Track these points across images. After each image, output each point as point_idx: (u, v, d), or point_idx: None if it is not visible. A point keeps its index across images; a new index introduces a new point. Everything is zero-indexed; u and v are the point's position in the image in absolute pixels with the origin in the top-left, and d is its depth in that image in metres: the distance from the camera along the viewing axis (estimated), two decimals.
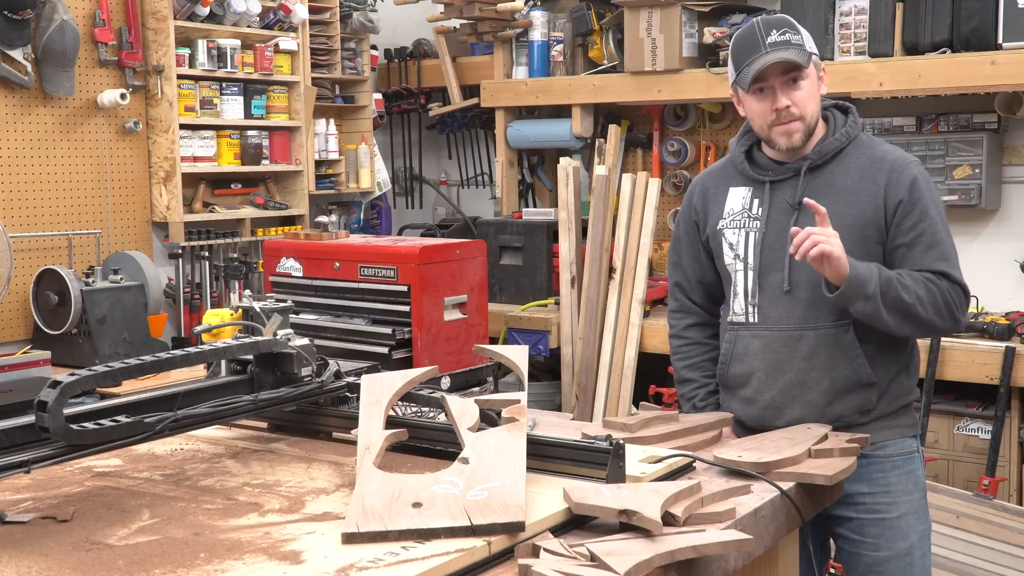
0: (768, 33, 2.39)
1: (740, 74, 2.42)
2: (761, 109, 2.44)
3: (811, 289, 2.40)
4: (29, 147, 4.32)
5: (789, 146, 2.44)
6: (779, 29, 2.40)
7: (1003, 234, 4.45)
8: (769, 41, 2.39)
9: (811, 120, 2.44)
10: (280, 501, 1.89)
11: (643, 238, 4.61)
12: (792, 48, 2.38)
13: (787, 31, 2.40)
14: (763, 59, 2.38)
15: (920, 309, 2.31)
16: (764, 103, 2.43)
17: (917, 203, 2.39)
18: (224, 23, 4.80)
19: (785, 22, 2.43)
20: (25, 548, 1.68)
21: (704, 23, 4.75)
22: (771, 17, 2.46)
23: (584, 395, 4.66)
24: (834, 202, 2.40)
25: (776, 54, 2.37)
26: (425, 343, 3.90)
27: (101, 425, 1.84)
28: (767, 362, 2.45)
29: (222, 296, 4.81)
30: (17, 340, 4.26)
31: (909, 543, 2.44)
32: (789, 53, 2.38)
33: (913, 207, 2.38)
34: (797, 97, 2.40)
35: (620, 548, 1.64)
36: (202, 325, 2.66)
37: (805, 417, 2.43)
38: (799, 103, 2.41)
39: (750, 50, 2.40)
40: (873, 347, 2.42)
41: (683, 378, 2.71)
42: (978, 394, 4.10)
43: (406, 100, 5.94)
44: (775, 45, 2.38)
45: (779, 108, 2.40)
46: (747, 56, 2.41)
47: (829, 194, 2.42)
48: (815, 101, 2.45)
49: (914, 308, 2.31)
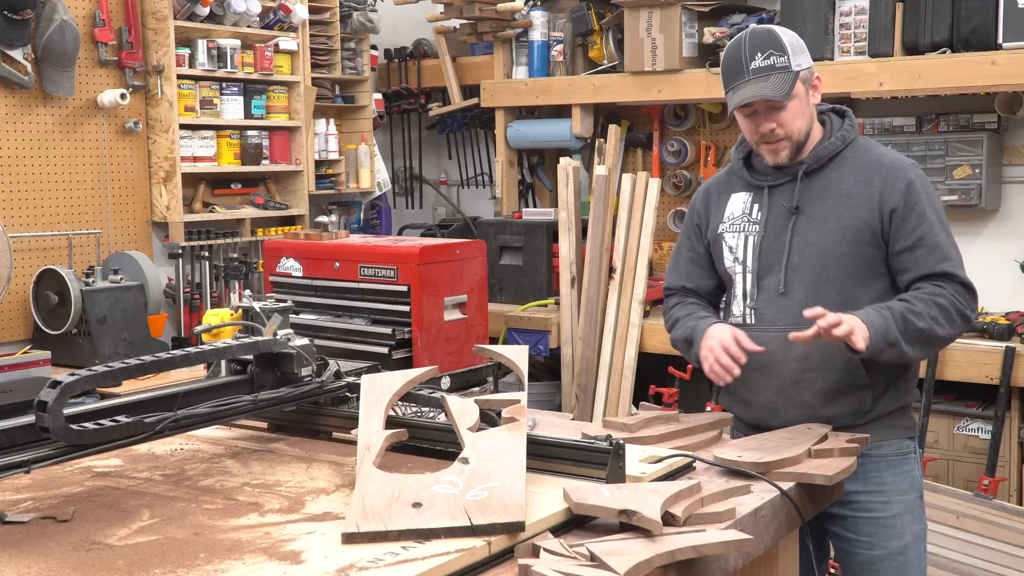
0: (752, 56, 2.39)
1: (728, 94, 2.46)
2: (748, 128, 2.49)
3: (805, 291, 2.42)
4: (29, 147, 4.32)
5: (775, 163, 2.49)
6: (763, 52, 2.39)
7: (1003, 234, 4.45)
8: (752, 67, 2.39)
9: (799, 137, 2.46)
10: (280, 501, 1.89)
11: (643, 238, 4.61)
12: (775, 75, 2.38)
13: (772, 53, 2.39)
14: (743, 90, 2.40)
15: (938, 329, 2.33)
16: (751, 123, 2.47)
17: (914, 207, 2.40)
18: (224, 23, 4.80)
19: (771, 41, 2.40)
20: (25, 548, 1.68)
21: (704, 23, 4.75)
22: (757, 34, 2.43)
23: (584, 395, 4.66)
24: (830, 206, 2.43)
25: (755, 86, 2.38)
26: (425, 343, 3.90)
27: (101, 425, 1.84)
28: (762, 363, 2.45)
29: (222, 296, 4.81)
30: (17, 340, 4.26)
31: (903, 542, 2.45)
32: (768, 86, 2.38)
33: (911, 212, 2.39)
34: (782, 119, 2.43)
35: (620, 548, 1.64)
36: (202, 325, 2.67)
37: (800, 418, 2.43)
38: (784, 123, 2.43)
39: (735, 73, 2.42)
40: None
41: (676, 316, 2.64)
42: (978, 394, 4.11)
43: (406, 100, 5.94)
44: (757, 72, 2.38)
45: (763, 131, 2.44)
46: (731, 79, 2.43)
47: (825, 198, 2.43)
48: (803, 117, 2.45)
49: (932, 332, 2.33)
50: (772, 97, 2.38)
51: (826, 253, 2.42)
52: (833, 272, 2.42)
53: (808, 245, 2.44)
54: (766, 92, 2.38)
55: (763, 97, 2.38)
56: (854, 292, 2.42)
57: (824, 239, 2.43)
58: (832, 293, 2.41)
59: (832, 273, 2.42)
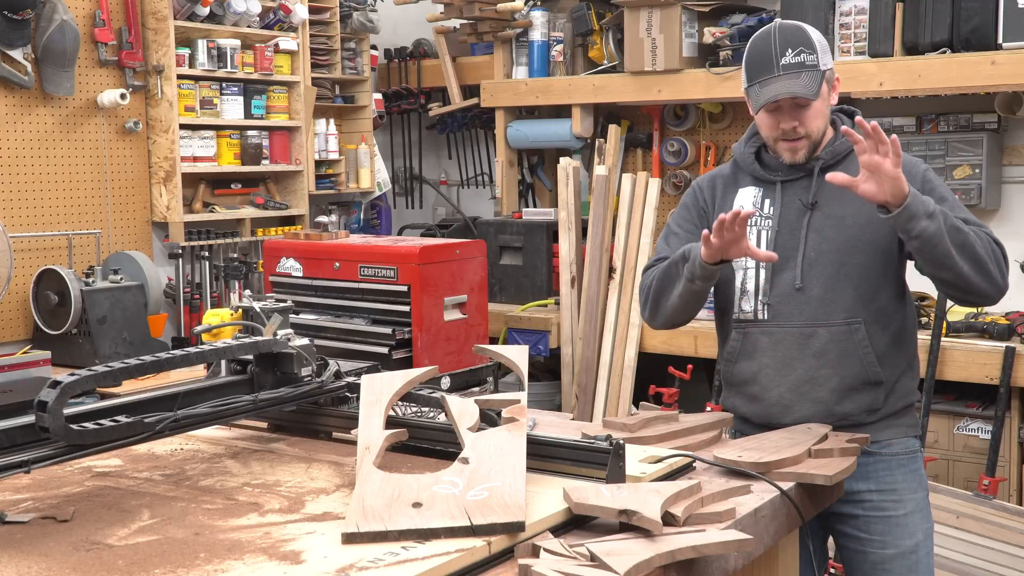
0: (783, 52, 2.37)
1: (751, 88, 2.42)
2: (769, 123, 2.45)
3: (823, 287, 2.42)
4: (29, 147, 4.32)
5: (792, 161, 2.47)
6: (795, 48, 2.37)
7: (1003, 234, 4.38)
8: (783, 63, 2.37)
9: (817, 136, 2.45)
10: (280, 501, 1.89)
11: (643, 238, 4.61)
12: (805, 73, 2.37)
13: (803, 51, 2.37)
14: (774, 86, 2.37)
15: (979, 247, 2.28)
16: (772, 118, 2.44)
17: (933, 191, 2.39)
18: (224, 23, 4.80)
19: (802, 39, 2.39)
20: (25, 548, 1.68)
21: (704, 23, 4.75)
22: (787, 30, 2.42)
23: (584, 395, 4.66)
24: (848, 201, 2.41)
25: (787, 83, 2.36)
26: (425, 343, 3.90)
27: (101, 425, 1.84)
28: (776, 359, 2.45)
29: (222, 296, 4.81)
30: (17, 340, 4.26)
31: (915, 541, 2.45)
32: (799, 83, 2.36)
33: (931, 193, 2.37)
34: (805, 117, 2.41)
35: (620, 548, 1.64)
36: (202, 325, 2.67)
37: (813, 415, 2.43)
38: (806, 123, 2.42)
39: (763, 67, 2.39)
40: (882, 346, 2.43)
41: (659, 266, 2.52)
42: (978, 394, 4.10)
43: (406, 100, 5.93)
44: (788, 68, 2.36)
45: (784, 128, 2.42)
46: (760, 73, 2.40)
47: (842, 194, 2.41)
48: (823, 117, 2.45)
49: (972, 242, 2.27)
50: (805, 95, 2.36)
51: (844, 249, 2.42)
52: (852, 268, 2.41)
53: (825, 241, 2.43)
54: (798, 90, 2.35)
55: (796, 94, 2.36)
56: (872, 289, 2.42)
57: (842, 235, 2.42)
58: (850, 289, 2.41)
59: (850, 269, 2.41)
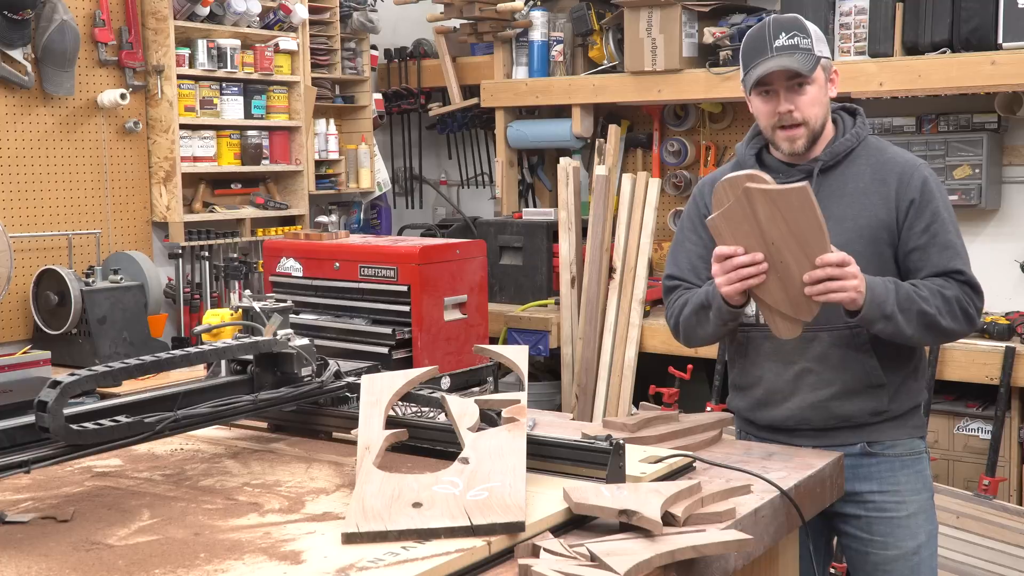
0: (777, 35, 2.38)
1: (746, 74, 2.43)
2: (765, 110, 2.44)
3: None
4: (29, 147, 4.32)
5: (791, 151, 2.45)
6: (788, 32, 2.38)
7: (1003, 234, 4.45)
8: (776, 45, 2.37)
9: (815, 125, 2.43)
10: (280, 501, 1.89)
11: (643, 238, 4.61)
12: (799, 53, 2.37)
13: (796, 34, 2.38)
14: (767, 64, 2.37)
15: (940, 319, 2.32)
16: (768, 105, 2.43)
17: (929, 204, 2.39)
18: (224, 23, 4.80)
19: (796, 24, 2.41)
20: (25, 548, 1.68)
21: (704, 23, 4.75)
22: (783, 18, 2.44)
23: (584, 395, 4.66)
24: (847, 204, 2.41)
25: (780, 60, 2.36)
26: (425, 343, 3.90)
27: (101, 425, 1.84)
28: (778, 363, 2.45)
29: (222, 296, 4.81)
30: (17, 340, 4.26)
31: (917, 542, 2.44)
32: (793, 60, 2.36)
33: (925, 208, 2.38)
34: (801, 102, 2.40)
35: (620, 548, 1.64)
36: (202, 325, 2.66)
37: (815, 417, 2.43)
38: (802, 108, 2.40)
39: (757, 51, 2.40)
40: (885, 349, 2.42)
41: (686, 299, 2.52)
42: (978, 394, 4.11)
43: (406, 100, 5.93)
44: (782, 49, 2.37)
45: (781, 112, 2.41)
46: (754, 57, 2.41)
47: (842, 196, 2.41)
48: (821, 106, 2.43)
49: (934, 318, 2.31)
50: (798, 69, 2.35)
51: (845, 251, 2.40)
52: None
53: None
54: (791, 64, 2.35)
55: (788, 68, 2.35)
56: None
57: (841, 237, 2.40)
58: None
59: None
